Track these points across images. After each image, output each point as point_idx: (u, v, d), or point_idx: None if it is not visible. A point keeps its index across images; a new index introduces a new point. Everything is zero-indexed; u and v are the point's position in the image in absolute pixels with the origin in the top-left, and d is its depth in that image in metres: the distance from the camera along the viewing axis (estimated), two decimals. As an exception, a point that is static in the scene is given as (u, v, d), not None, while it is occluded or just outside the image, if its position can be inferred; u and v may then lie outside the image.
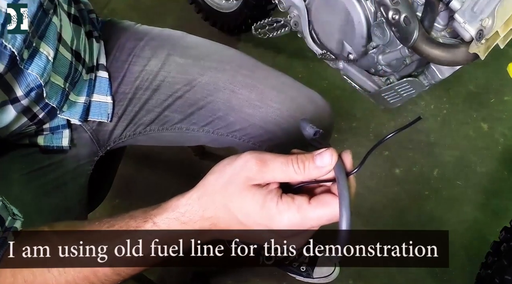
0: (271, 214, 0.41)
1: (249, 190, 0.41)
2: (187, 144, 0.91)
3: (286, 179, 0.42)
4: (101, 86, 0.79)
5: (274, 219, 0.41)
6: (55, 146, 0.77)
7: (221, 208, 0.42)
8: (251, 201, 0.41)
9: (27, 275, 0.46)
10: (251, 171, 0.42)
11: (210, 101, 0.80)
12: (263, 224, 0.41)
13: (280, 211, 0.41)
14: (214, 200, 0.43)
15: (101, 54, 0.80)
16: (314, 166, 0.42)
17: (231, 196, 0.42)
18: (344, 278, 1.29)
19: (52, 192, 0.74)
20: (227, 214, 0.42)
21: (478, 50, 0.67)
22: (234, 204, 0.42)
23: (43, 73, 0.62)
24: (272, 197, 0.41)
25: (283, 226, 0.41)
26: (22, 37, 0.56)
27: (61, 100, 0.70)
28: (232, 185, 0.42)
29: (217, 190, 0.43)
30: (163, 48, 0.82)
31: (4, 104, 0.64)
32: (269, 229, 0.41)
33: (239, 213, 0.42)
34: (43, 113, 0.70)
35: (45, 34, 0.62)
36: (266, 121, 0.80)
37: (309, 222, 0.41)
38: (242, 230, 0.43)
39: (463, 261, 1.30)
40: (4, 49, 0.55)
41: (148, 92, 0.81)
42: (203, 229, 0.44)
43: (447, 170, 1.46)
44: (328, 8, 0.88)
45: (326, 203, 0.41)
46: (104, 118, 0.80)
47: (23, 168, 0.73)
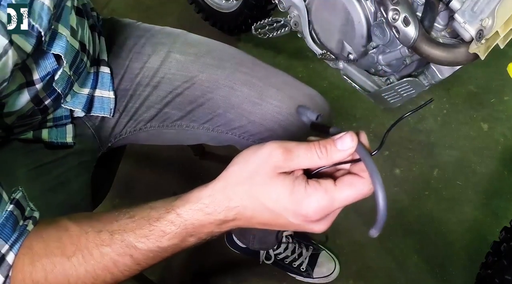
0: (300, 198, 0.42)
1: (277, 178, 0.42)
2: (188, 143, 0.91)
3: (310, 164, 0.43)
4: (104, 81, 0.80)
5: (303, 203, 0.42)
6: (60, 142, 0.77)
7: (247, 198, 0.43)
8: (281, 187, 0.42)
9: (47, 264, 0.46)
10: (278, 160, 0.43)
11: (210, 98, 0.81)
12: (292, 209, 0.42)
13: (309, 194, 0.42)
14: (240, 191, 0.43)
15: (102, 50, 0.81)
16: (336, 150, 0.43)
17: (258, 185, 0.43)
18: (344, 278, 1.29)
19: (57, 188, 0.74)
20: (255, 203, 0.43)
21: (478, 50, 0.67)
22: (263, 192, 0.43)
23: (66, 53, 0.64)
24: (299, 182, 0.42)
25: (312, 209, 0.42)
26: (48, 17, 0.56)
27: (66, 87, 0.70)
28: (259, 174, 0.43)
29: (242, 181, 0.43)
30: (164, 45, 0.83)
31: (22, 88, 0.64)
32: (298, 213, 0.42)
33: (268, 200, 0.42)
34: (49, 100, 0.70)
35: (61, 16, 0.64)
36: (266, 118, 0.80)
37: (336, 203, 0.42)
38: (269, 217, 0.43)
39: (463, 261, 1.30)
40: (32, 29, 0.56)
41: (148, 89, 0.82)
42: (226, 220, 0.44)
43: (447, 170, 1.46)
44: (328, 8, 0.89)
45: (351, 183, 0.42)
46: (107, 113, 0.81)
47: (28, 164, 0.73)
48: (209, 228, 0.45)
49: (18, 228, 0.48)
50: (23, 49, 0.56)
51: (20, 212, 0.50)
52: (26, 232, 0.48)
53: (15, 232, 0.48)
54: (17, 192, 0.51)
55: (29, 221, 0.50)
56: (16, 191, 0.51)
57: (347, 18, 0.85)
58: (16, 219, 0.48)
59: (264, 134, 0.81)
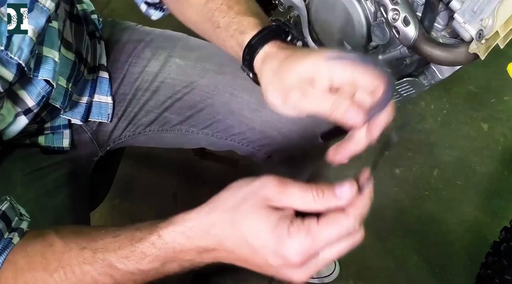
0: (282, 237, 0.39)
1: (264, 210, 0.40)
2: (187, 147, 0.91)
3: (303, 205, 0.40)
4: (102, 86, 0.79)
5: (284, 243, 0.39)
6: (56, 146, 0.77)
7: (230, 226, 0.41)
8: (265, 221, 0.39)
9: (29, 279, 0.46)
10: (270, 191, 0.40)
11: (210, 104, 0.80)
12: (272, 247, 0.39)
13: (291, 234, 0.38)
14: (224, 217, 0.41)
15: (102, 55, 0.80)
16: (333, 195, 0.40)
17: (243, 214, 0.40)
18: (344, 278, 1.29)
19: (53, 192, 0.74)
20: (235, 233, 0.40)
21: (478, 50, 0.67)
22: (245, 223, 0.40)
23: (54, 76, 0.63)
24: (285, 219, 0.39)
25: (293, 250, 0.38)
26: (29, 48, 0.55)
27: (65, 100, 0.70)
28: (247, 203, 0.40)
29: (229, 208, 0.41)
30: (164, 49, 0.82)
31: (18, 116, 0.64)
32: (279, 253, 0.39)
33: (249, 233, 0.40)
34: (45, 112, 0.70)
35: (44, 38, 0.62)
36: (265, 125, 0.79)
37: (318, 243, 0.39)
38: (248, 254, 0.41)
39: (463, 261, 1.30)
40: (11, 60, 0.55)
41: (147, 93, 0.81)
42: (207, 248, 0.42)
43: (447, 170, 1.46)
44: (328, 8, 0.89)
45: (334, 220, 0.39)
46: (104, 119, 0.80)
47: (24, 169, 0.73)
48: (190, 255, 0.43)
49: (3, 241, 0.48)
50: (4, 78, 0.55)
51: (6, 224, 0.49)
52: (11, 245, 0.48)
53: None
54: (4, 202, 0.50)
55: (14, 234, 0.49)
56: (4, 201, 0.50)
57: (347, 18, 0.85)
58: (0, 233, 0.48)
59: (264, 141, 0.81)
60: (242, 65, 0.55)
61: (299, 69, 0.46)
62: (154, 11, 0.73)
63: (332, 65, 0.44)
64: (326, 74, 0.44)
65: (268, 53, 0.51)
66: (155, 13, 0.74)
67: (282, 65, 0.48)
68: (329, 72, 0.44)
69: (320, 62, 0.45)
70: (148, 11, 0.74)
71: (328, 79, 0.44)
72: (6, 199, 0.50)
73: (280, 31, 0.53)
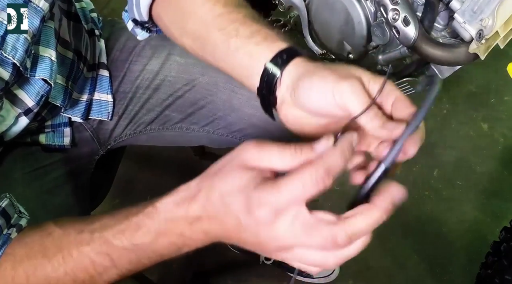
0: (249, 192, 0.38)
1: (239, 169, 0.39)
2: (188, 145, 0.91)
3: (281, 164, 0.39)
4: (102, 84, 0.79)
5: (250, 197, 0.38)
6: (57, 145, 0.77)
7: (210, 189, 0.41)
8: (238, 178, 0.39)
9: (28, 267, 0.46)
10: (249, 153, 0.40)
11: (210, 101, 0.80)
12: (242, 204, 0.38)
13: (257, 187, 0.38)
14: (207, 182, 0.42)
15: (102, 52, 0.80)
16: (310, 150, 0.39)
17: (221, 176, 0.40)
18: (344, 278, 1.29)
19: (54, 191, 0.74)
20: (214, 195, 0.40)
21: (478, 50, 0.67)
22: (222, 183, 0.40)
23: (51, 75, 0.63)
24: (257, 176, 0.39)
25: (257, 203, 0.37)
26: (24, 47, 0.56)
27: (65, 98, 0.70)
28: (226, 166, 0.41)
29: (213, 172, 0.42)
30: (164, 47, 0.82)
31: (19, 116, 0.65)
32: (246, 209, 0.38)
33: (224, 192, 0.39)
34: (45, 111, 0.70)
35: (40, 38, 0.62)
36: (266, 121, 0.80)
37: (284, 194, 0.37)
38: (224, 217, 0.40)
39: (463, 261, 1.30)
40: (6, 59, 0.55)
41: (148, 91, 0.81)
42: (195, 216, 0.41)
43: (447, 170, 1.46)
44: (328, 8, 0.89)
45: (299, 171, 0.38)
46: (105, 117, 0.80)
47: (25, 167, 0.73)
48: (180, 227, 0.42)
49: (2, 237, 0.48)
50: (0, 77, 0.55)
51: (5, 221, 0.49)
52: (9, 240, 0.48)
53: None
54: (4, 199, 0.50)
55: (13, 229, 0.49)
56: (3, 198, 0.50)
57: (347, 18, 0.85)
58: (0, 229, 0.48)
59: (265, 137, 0.81)
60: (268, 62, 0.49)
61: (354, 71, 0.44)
62: (141, 31, 0.71)
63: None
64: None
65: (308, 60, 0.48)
66: (141, 33, 0.71)
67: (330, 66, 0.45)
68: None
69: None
70: (134, 30, 0.71)
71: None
72: (6, 196, 0.51)
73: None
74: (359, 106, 0.41)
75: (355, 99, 0.41)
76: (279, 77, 0.47)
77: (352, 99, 0.41)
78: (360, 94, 0.41)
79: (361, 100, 0.41)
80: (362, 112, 0.41)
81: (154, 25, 0.70)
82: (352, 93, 0.41)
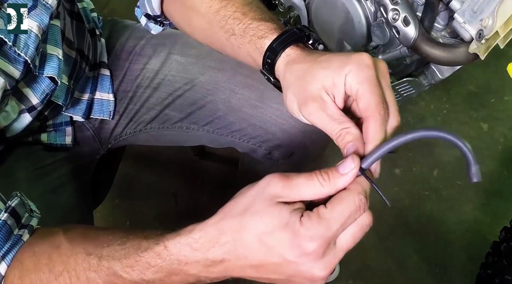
0: (296, 228, 0.38)
1: (274, 207, 0.39)
2: (187, 144, 0.91)
3: (313, 194, 0.40)
4: (103, 83, 0.80)
5: (298, 233, 0.38)
6: (59, 144, 0.77)
7: (241, 231, 0.39)
8: (277, 217, 0.38)
9: (34, 280, 0.46)
10: (276, 188, 0.40)
11: (210, 100, 0.80)
12: (288, 241, 0.38)
13: (303, 223, 0.38)
14: (234, 223, 0.40)
15: (103, 52, 0.81)
16: (339, 174, 0.40)
17: (253, 215, 0.39)
18: (344, 278, 1.29)
19: (58, 190, 0.74)
20: (248, 236, 0.39)
21: (478, 50, 0.67)
22: (257, 223, 0.39)
23: (59, 73, 0.64)
24: (296, 212, 0.39)
25: (308, 238, 0.38)
26: (35, 45, 0.56)
27: (67, 97, 0.70)
28: (255, 204, 0.40)
29: (237, 213, 0.40)
30: (164, 46, 0.82)
31: (22, 113, 0.65)
32: (295, 244, 0.38)
33: (262, 232, 0.39)
34: (48, 110, 0.71)
35: (47, 37, 0.63)
36: (266, 121, 0.80)
37: (332, 224, 0.38)
38: (262, 257, 0.39)
39: (463, 261, 1.30)
40: (18, 57, 0.56)
41: (148, 91, 0.82)
42: (215, 260, 0.40)
43: (447, 170, 1.46)
44: (328, 8, 0.89)
45: (340, 199, 0.39)
46: (106, 116, 0.81)
47: (28, 166, 0.73)
48: (195, 269, 0.41)
49: (12, 237, 0.48)
50: (11, 75, 0.56)
51: (16, 221, 0.49)
52: (20, 242, 0.48)
53: (8, 242, 0.47)
54: (14, 198, 0.50)
55: (24, 231, 0.49)
56: (14, 197, 0.50)
57: (347, 18, 0.85)
58: (9, 229, 0.48)
59: (265, 137, 0.81)
60: (262, 69, 0.53)
61: (322, 78, 0.45)
62: (154, 25, 0.73)
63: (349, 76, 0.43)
64: (342, 84, 0.44)
65: (291, 57, 0.50)
66: (155, 28, 0.74)
67: (305, 70, 0.47)
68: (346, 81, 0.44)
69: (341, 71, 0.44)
70: (148, 25, 0.74)
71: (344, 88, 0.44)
72: (16, 195, 0.50)
73: (301, 35, 0.52)
74: (325, 126, 0.44)
75: (320, 123, 0.45)
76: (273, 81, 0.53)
77: (318, 123, 0.45)
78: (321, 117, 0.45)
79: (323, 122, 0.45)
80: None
81: (167, 19, 0.72)
82: (315, 118, 0.45)
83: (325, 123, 0.44)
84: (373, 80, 0.43)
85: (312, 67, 0.47)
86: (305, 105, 0.46)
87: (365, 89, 0.43)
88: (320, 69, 0.46)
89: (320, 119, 0.45)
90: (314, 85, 0.45)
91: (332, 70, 0.44)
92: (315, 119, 0.45)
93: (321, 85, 0.45)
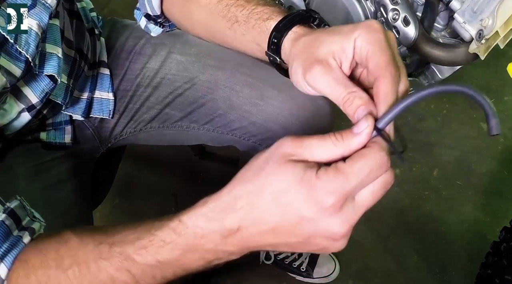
0: (311, 182, 0.36)
1: (287, 164, 0.37)
2: (188, 143, 0.91)
3: (326, 154, 0.38)
4: (103, 82, 0.80)
5: (315, 187, 0.36)
6: (58, 142, 0.78)
7: (255, 193, 0.38)
8: (291, 173, 0.37)
9: (41, 276, 0.44)
10: (289, 148, 0.38)
11: (210, 99, 0.81)
12: (304, 197, 0.36)
13: (320, 176, 0.36)
14: (247, 187, 0.39)
15: (102, 51, 0.81)
16: (352, 134, 0.38)
17: (267, 176, 0.38)
18: (344, 278, 1.29)
19: (57, 186, 0.74)
20: (263, 197, 0.38)
21: (478, 50, 0.67)
22: (271, 183, 0.37)
23: (59, 71, 0.64)
24: (311, 167, 0.37)
25: (325, 191, 0.36)
26: (35, 43, 0.57)
27: (66, 96, 0.71)
28: (269, 165, 0.38)
29: (251, 176, 0.39)
30: (164, 46, 0.83)
31: (22, 112, 0.66)
32: (311, 197, 0.36)
33: (277, 191, 0.37)
34: (47, 109, 0.71)
35: (47, 36, 0.64)
36: (266, 119, 0.80)
37: (351, 178, 0.36)
38: (280, 217, 0.37)
39: (463, 261, 1.30)
40: (19, 55, 0.56)
41: (148, 90, 0.82)
42: (231, 229, 0.39)
43: (447, 170, 1.46)
44: (328, 8, 0.89)
45: (361, 154, 0.37)
46: (106, 115, 0.81)
47: (27, 162, 0.73)
48: (213, 241, 0.40)
49: (11, 238, 0.47)
50: (13, 74, 0.56)
51: (15, 222, 0.48)
52: (20, 244, 0.47)
53: (6, 242, 0.46)
54: (14, 201, 0.49)
55: (24, 233, 0.48)
56: (13, 200, 0.49)
57: (347, 18, 0.85)
58: (7, 229, 0.47)
59: (265, 135, 0.81)
60: (267, 51, 0.52)
61: (330, 43, 0.43)
62: (154, 26, 0.74)
63: (359, 39, 0.42)
64: (351, 48, 0.42)
65: (298, 33, 0.49)
66: (155, 29, 0.74)
67: (313, 39, 0.46)
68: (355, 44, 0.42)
69: (350, 35, 0.42)
70: (147, 27, 0.74)
71: (353, 52, 0.42)
72: (16, 198, 0.50)
73: (308, 15, 0.51)
74: (330, 91, 0.42)
75: (325, 88, 0.43)
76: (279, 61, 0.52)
77: (323, 88, 0.43)
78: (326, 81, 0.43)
79: (329, 86, 0.42)
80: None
81: (167, 20, 0.72)
82: (320, 83, 0.43)
83: (330, 87, 0.42)
84: (384, 42, 0.42)
85: (320, 36, 0.45)
86: (309, 70, 0.43)
87: (376, 49, 0.41)
88: (328, 35, 0.44)
89: (325, 84, 0.42)
90: (321, 50, 0.44)
91: (341, 35, 0.43)
92: (319, 84, 0.43)
93: (328, 50, 0.43)
